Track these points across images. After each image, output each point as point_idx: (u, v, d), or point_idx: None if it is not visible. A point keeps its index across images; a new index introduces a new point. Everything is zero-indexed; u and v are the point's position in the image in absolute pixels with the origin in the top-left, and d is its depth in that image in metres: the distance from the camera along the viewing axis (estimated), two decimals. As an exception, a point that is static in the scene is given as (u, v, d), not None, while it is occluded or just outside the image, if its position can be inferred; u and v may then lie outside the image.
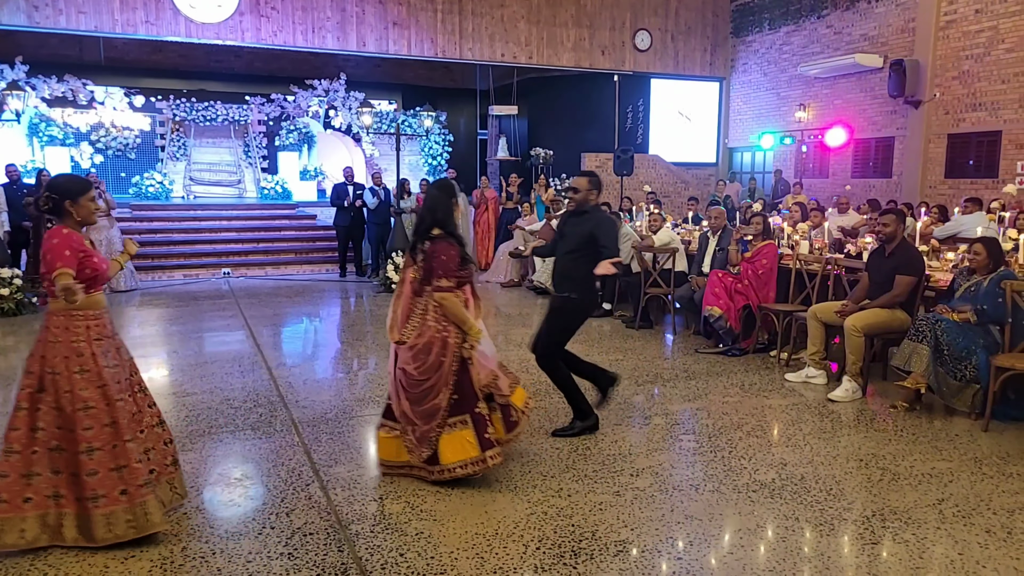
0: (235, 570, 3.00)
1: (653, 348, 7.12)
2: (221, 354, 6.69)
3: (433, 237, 3.80)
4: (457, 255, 3.81)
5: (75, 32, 12.19)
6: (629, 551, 3.22)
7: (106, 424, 3.06)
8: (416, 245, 3.87)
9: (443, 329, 3.79)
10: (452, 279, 3.79)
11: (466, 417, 3.78)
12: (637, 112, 16.93)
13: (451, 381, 3.77)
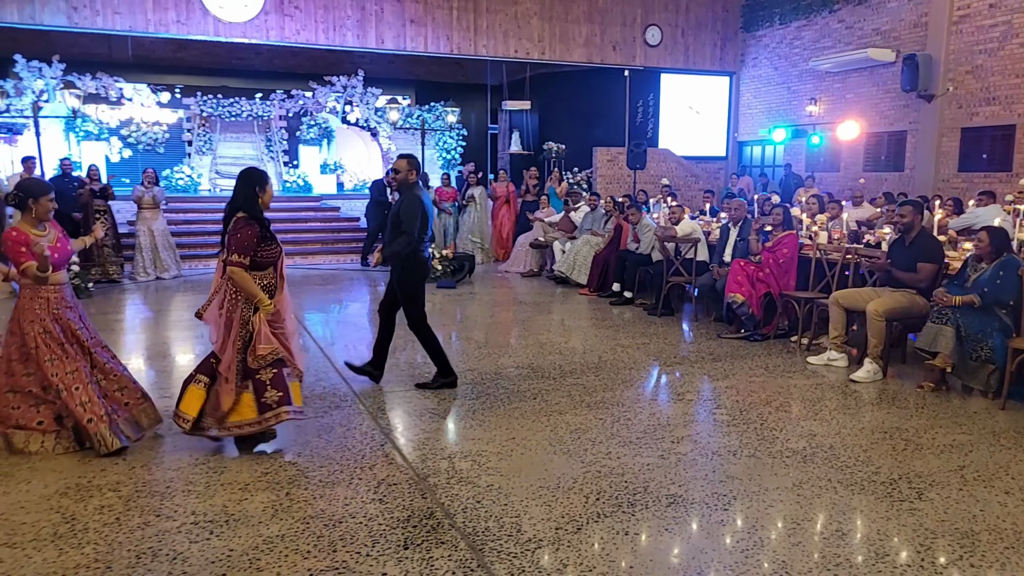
0: (336, 511, 3.38)
1: (676, 334, 7.46)
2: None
3: (237, 218, 4.10)
4: (255, 235, 4.06)
5: (111, 32, 12.54)
6: (680, 503, 3.57)
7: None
8: (224, 225, 4.17)
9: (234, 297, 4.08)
10: (246, 256, 4.03)
11: (248, 382, 4.07)
12: (647, 106, 17.23)
13: (237, 349, 4.05)
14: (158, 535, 3.14)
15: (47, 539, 3.09)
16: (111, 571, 2.86)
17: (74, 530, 3.18)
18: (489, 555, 3.04)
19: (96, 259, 9.84)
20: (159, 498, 3.50)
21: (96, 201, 10.00)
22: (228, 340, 4.04)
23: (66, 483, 3.69)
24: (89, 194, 9.93)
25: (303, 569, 2.90)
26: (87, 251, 9.74)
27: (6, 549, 3.00)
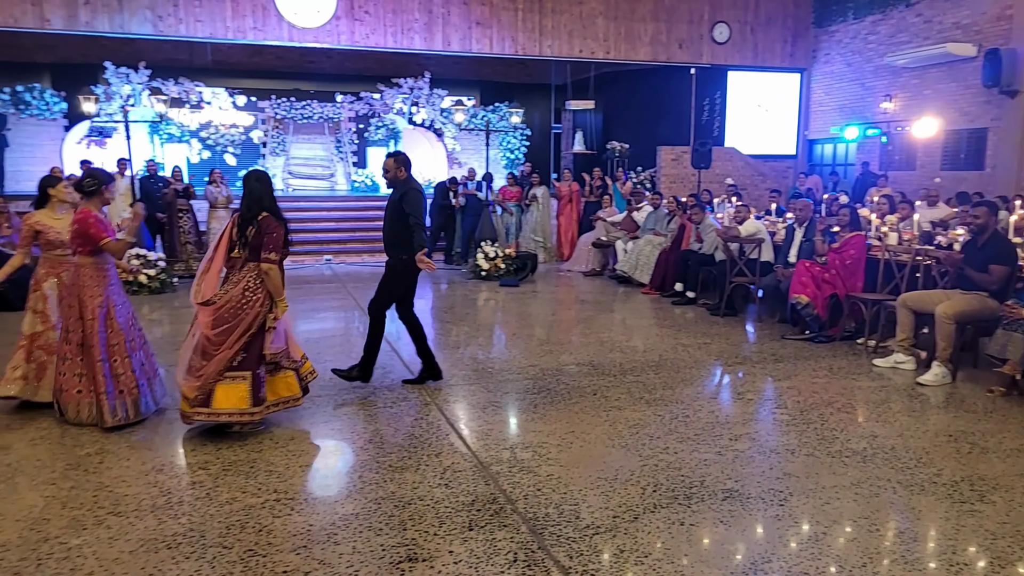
0: (405, 493, 3.60)
1: (738, 334, 7.46)
2: (343, 329, 7.37)
3: (264, 217, 4.33)
4: (283, 234, 4.37)
5: (193, 39, 13.18)
6: (736, 497, 3.66)
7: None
8: (246, 225, 4.35)
9: (252, 296, 4.31)
10: (278, 254, 4.32)
11: (247, 374, 4.27)
12: (714, 104, 17.05)
13: (244, 342, 4.25)
14: (244, 509, 3.41)
15: (147, 509, 3.40)
16: (204, 539, 3.13)
17: (170, 503, 3.48)
18: (549, 539, 3.20)
19: (180, 255, 10.40)
20: (244, 477, 3.78)
21: (179, 200, 10.56)
22: (235, 334, 4.26)
23: (161, 461, 4.02)
24: (173, 194, 10.49)
25: (376, 545, 3.11)
26: (172, 247, 10.33)
27: (113, 517, 3.32)
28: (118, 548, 3.05)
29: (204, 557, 2.99)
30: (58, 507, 3.41)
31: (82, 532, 3.18)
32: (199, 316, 4.35)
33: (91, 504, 3.45)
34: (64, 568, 2.90)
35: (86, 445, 4.19)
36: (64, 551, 3.02)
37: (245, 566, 2.93)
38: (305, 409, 4.83)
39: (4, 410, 4.76)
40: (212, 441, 4.28)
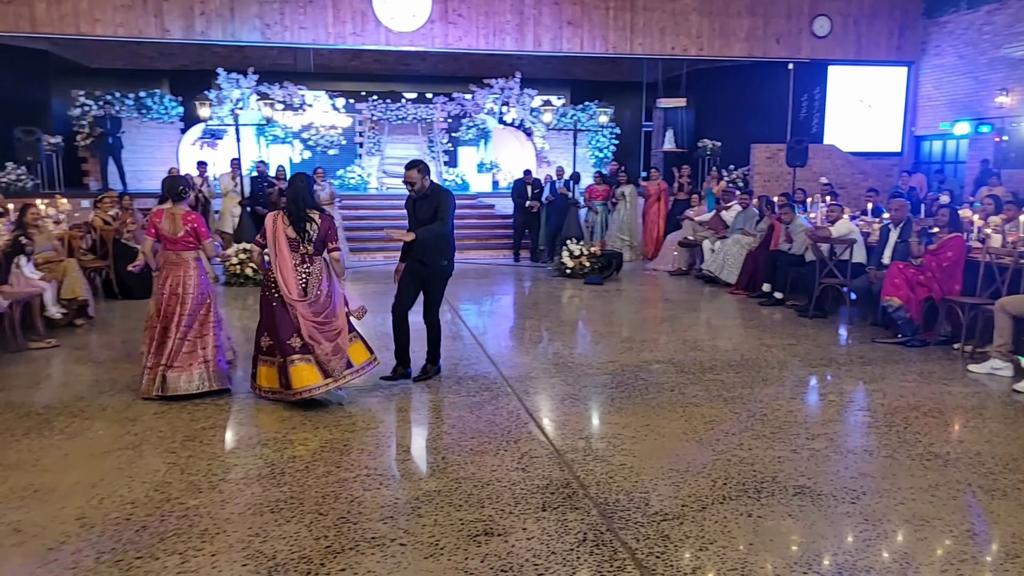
0: (484, 475, 3.85)
1: (827, 336, 7.35)
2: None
3: (321, 215, 5.02)
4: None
5: (297, 45, 13.92)
6: (807, 493, 3.71)
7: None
8: (302, 225, 4.93)
9: (329, 280, 5.03)
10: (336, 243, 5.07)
11: (354, 334, 5.17)
12: (813, 100, 16.57)
13: (343, 313, 5.07)
14: (338, 482, 3.73)
15: (253, 478, 3.78)
16: (303, 506, 3.47)
17: (273, 473, 3.85)
18: (618, 523, 3.36)
19: None
20: (338, 454, 4.12)
21: (283, 199, 11.20)
22: (336, 311, 4.98)
23: (265, 436, 4.42)
24: (277, 193, 11.14)
25: (456, 519, 3.36)
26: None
27: (224, 483, 3.72)
28: (229, 510, 3.43)
29: (303, 521, 3.32)
30: (178, 472, 3.84)
31: (198, 495, 3.58)
32: (299, 309, 4.82)
33: (206, 471, 3.86)
34: (183, 524, 3.29)
35: (200, 420, 4.65)
36: (183, 510, 3.42)
37: (338, 531, 3.23)
38: (394, 396, 5.17)
39: (132, 387, 5.29)
40: (311, 421, 4.65)
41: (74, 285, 6.93)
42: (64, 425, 4.53)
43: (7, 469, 3.88)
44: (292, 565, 2.95)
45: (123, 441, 4.26)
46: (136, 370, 5.34)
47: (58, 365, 6.00)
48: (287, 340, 4.79)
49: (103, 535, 3.18)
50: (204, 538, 3.16)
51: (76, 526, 3.25)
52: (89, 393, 5.20)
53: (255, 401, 5.05)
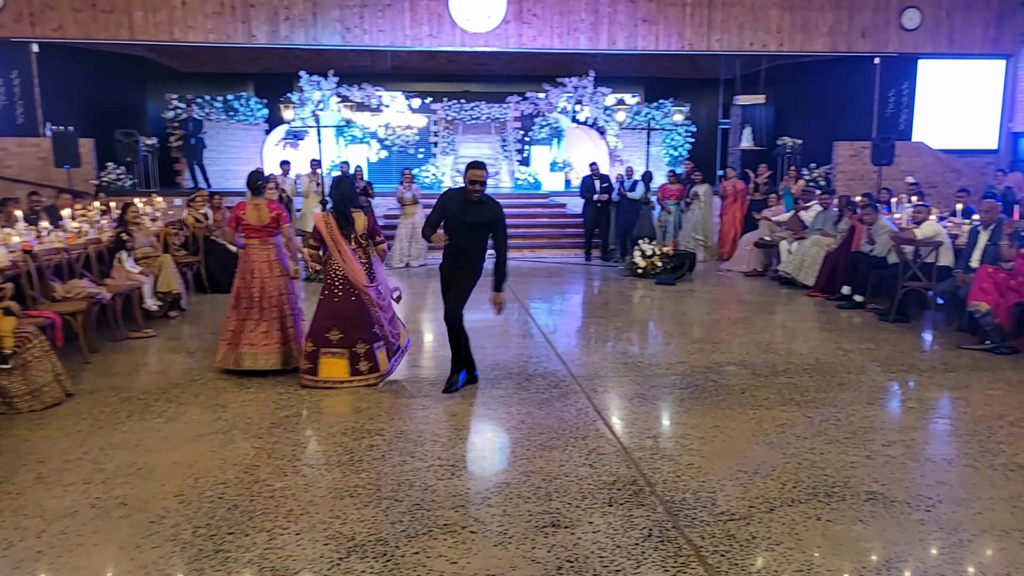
0: (552, 469, 3.95)
1: (909, 341, 7.14)
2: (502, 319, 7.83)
3: (365, 211, 5.68)
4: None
5: (376, 48, 14.32)
6: (880, 500, 3.67)
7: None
8: (348, 222, 5.49)
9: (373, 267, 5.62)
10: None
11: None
12: (900, 96, 15.96)
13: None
14: (413, 471, 3.91)
15: (334, 464, 4.01)
16: (380, 492, 3.66)
17: (352, 460, 4.06)
18: (684, 520, 3.41)
19: None
20: (412, 444, 4.30)
21: (360, 198, 11.56)
22: (384, 294, 5.60)
23: (345, 426, 4.64)
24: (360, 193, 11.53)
25: (524, 510, 3.48)
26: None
27: (307, 468, 3.95)
28: (312, 493, 3.65)
29: (379, 507, 3.51)
30: (265, 456, 4.10)
31: (284, 478, 3.82)
32: (369, 294, 5.44)
33: (290, 456, 4.11)
34: (270, 505, 3.53)
35: (284, 408, 4.93)
36: (270, 491, 3.66)
37: (412, 517, 3.40)
38: (466, 391, 5.33)
39: (220, 377, 5.63)
40: (386, 413, 4.85)
41: (169, 279, 7.37)
42: (162, 409, 4.88)
43: (115, 448, 4.23)
44: (369, 547, 3.13)
45: (215, 426, 4.57)
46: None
47: (155, 354, 6.42)
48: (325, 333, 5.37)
49: (199, 511, 3.45)
50: (289, 518, 3.38)
51: (175, 502, 3.53)
52: (183, 381, 5.56)
53: (334, 393, 5.29)
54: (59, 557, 3.08)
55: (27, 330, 4.83)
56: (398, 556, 3.06)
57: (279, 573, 2.95)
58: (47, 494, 3.66)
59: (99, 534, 3.27)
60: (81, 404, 4.99)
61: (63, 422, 4.66)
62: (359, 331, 5.36)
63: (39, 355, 4.82)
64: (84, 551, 3.13)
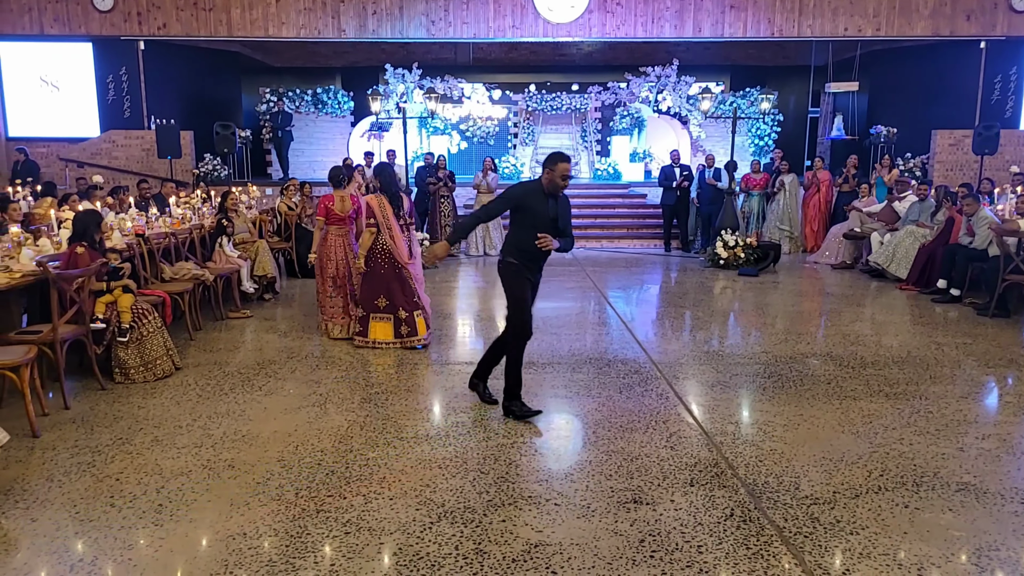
0: (633, 450, 4.02)
1: (1009, 336, 6.84)
2: (582, 308, 7.93)
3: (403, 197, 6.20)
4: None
5: (459, 40, 14.55)
6: (971, 491, 3.58)
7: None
8: (398, 203, 6.07)
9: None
10: None
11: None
12: (1008, 82, 15.11)
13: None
14: (497, 447, 4.04)
15: (422, 438, 4.19)
16: (466, 464, 3.82)
17: (439, 434, 4.24)
18: (766, 503, 3.42)
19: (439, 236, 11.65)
20: (496, 422, 4.44)
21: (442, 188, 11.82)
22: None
23: (430, 401, 4.86)
24: (442, 184, 11.76)
25: (606, 487, 3.56)
26: (432, 228, 11.63)
27: (397, 440, 4.15)
28: (403, 463, 3.84)
29: (466, 478, 3.66)
30: (358, 429, 4.32)
31: (376, 448, 4.02)
32: (409, 269, 6.12)
33: (381, 429, 4.31)
34: (364, 472, 3.73)
35: (375, 385, 5.17)
36: (364, 460, 3.87)
37: (498, 488, 3.53)
38: (547, 374, 5.43)
39: (313, 354, 5.95)
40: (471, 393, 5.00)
41: (265, 263, 7.75)
42: (262, 383, 5.18)
43: (221, 416, 4.54)
44: (458, 513, 3.28)
45: (310, 400, 4.82)
46: (319, 339, 6.31)
47: (252, 333, 6.78)
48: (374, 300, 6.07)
49: (300, 475, 3.68)
50: (383, 484, 3.57)
51: (278, 466, 3.78)
52: (279, 358, 5.88)
53: (421, 371, 5.50)
54: (178, 510, 3.35)
55: (143, 307, 5.21)
56: (486, 523, 3.19)
57: (376, 533, 3.13)
58: (163, 455, 3.96)
59: (211, 491, 3.53)
60: (189, 377, 5.35)
61: (174, 392, 5.02)
62: (402, 300, 6.06)
63: (152, 331, 5.20)
64: (199, 506, 3.39)
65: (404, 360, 5.79)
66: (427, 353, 6.03)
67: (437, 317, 7.25)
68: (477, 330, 7.21)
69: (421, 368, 5.59)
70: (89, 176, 11.36)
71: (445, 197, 11.87)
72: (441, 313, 7.61)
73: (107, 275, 5.04)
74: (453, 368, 5.61)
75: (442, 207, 11.84)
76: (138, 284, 5.86)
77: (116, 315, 5.02)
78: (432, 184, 11.68)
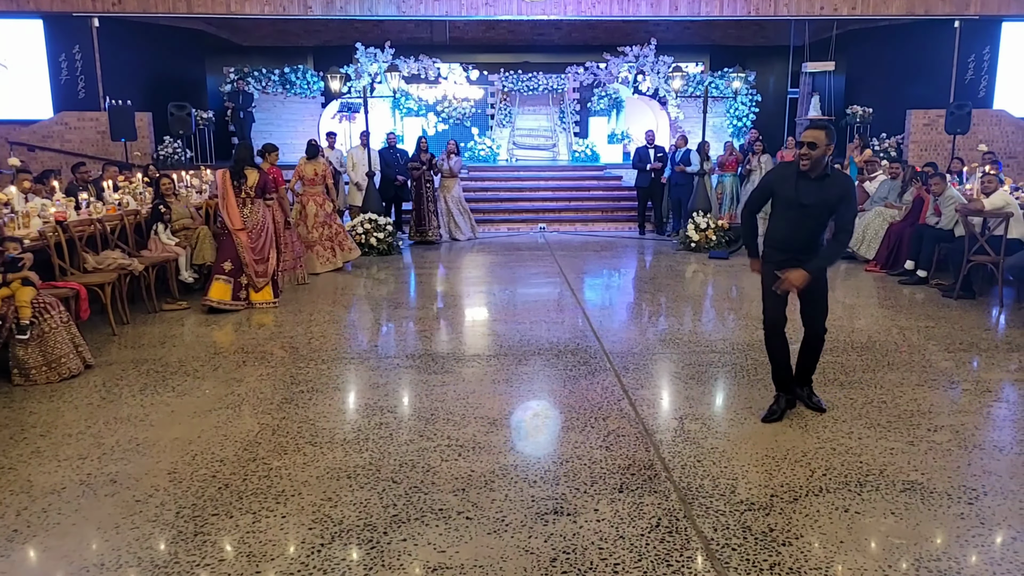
0: (565, 451, 3.78)
1: (972, 318, 6.65)
2: (543, 295, 7.67)
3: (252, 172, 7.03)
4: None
5: (430, 18, 14.14)
6: (917, 490, 3.36)
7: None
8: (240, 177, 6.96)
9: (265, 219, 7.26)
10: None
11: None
12: (981, 61, 14.92)
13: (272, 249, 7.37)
14: (418, 451, 3.77)
15: (338, 443, 3.89)
16: (379, 473, 3.53)
17: (358, 439, 3.95)
18: (697, 510, 3.19)
19: (426, 223, 11.33)
20: (424, 422, 4.16)
21: (424, 169, 11.46)
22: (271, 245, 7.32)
23: (357, 402, 4.56)
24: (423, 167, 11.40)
25: (527, 496, 3.30)
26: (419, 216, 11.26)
27: (308, 446, 3.85)
28: (308, 473, 3.53)
29: (375, 489, 3.37)
30: (269, 433, 4.01)
31: (283, 456, 3.72)
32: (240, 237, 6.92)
33: (295, 434, 4.01)
34: (263, 484, 3.42)
35: (300, 384, 4.85)
36: (266, 471, 3.56)
37: (408, 500, 3.26)
38: (491, 367, 5.18)
39: (243, 349, 5.65)
40: (404, 389, 4.75)
41: (206, 251, 7.40)
42: (177, 383, 4.84)
43: (120, 422, 4.19)
44: (356, 532, 3.00)
45: (226, 401, 4.51)
46: (250, 335, 5.92)
47: (185, 326, 6.42)
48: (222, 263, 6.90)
49: (188, 490, 3.35)
50: (279, 500, 3.27)
51: (166, 480, 3.46)
52: (206, 353, 5.54)
53: (355, 367, 5.22)
54: (34, 537, 2.99)
55: (45, 301, 4.83)
56: (384, 543, 2.92)
57: (255, 559, 2.82)
58: (39, 469, 3.60)
59: (80, 512, 3.17)
60: (98, 377, 4.96)
61: (75, 394, 4.63)
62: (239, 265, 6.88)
63: (56, 326, 4.81)
64: (61, 531, 3.03)
65: (341, 355, 5.50)
66: (368, 348, 5.75)
67: (377, 309, 6.97)
68: (423, 322, 6.94)
69: (357, 364, 5.30)
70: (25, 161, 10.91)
71: (429, 182, 11.49)
72: (391, 304, 7.33)
73: (3, 266, 4.67)
74: (391, 363, 5.32)
75: (427, 192, 11.44)
76: (53, 275, 5.53)
77: (14, 310, 4.62)
78: (415, 169, 11.30)
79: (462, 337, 6.16)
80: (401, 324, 6.62)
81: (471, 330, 6.43)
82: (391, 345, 5.89)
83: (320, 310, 6.98)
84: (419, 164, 11.27)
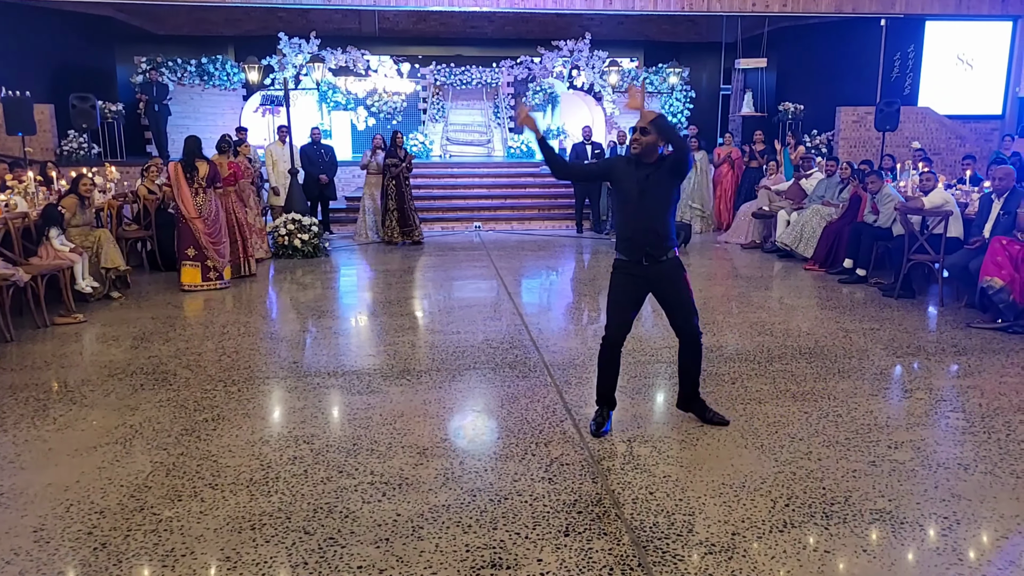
0: (504, 486, 3.37)
1: (915, 319, 6.56)
2: (478, 299, 7.27)
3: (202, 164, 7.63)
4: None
5: (359, 8, 13.51)
6: (887, 520, 3.10)
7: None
8: (192, 170, 7.54)
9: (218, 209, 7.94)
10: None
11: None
12: (906, 59, 15.23)
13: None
14: (337, 491, 3.31)
15: (243, 484, 3.39)
16: (289, 522, 3.05)
17: (267, 478, 3.45)
18: (653, 554, 2.84)
19: (412, 222, 10.74)
20: (345, 454, 3.70)
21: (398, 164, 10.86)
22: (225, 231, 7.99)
23: (269, 432, 4.04)
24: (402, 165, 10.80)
25: (461, 544, 2.90)
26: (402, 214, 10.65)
27: (208, 489, 3.33)
28: (204, 524, 3.03)
29: (284, 542, 2.89)
30: (163, 475, 3.47)
31: (176, 504, 3.19)
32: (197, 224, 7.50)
33: (193, 474, 3.48)
34: (149, 542, 2.90)
35: (205, 410, 4.30)
36: (154, 523, 3.03)
37: (322, 556, 2.80)
38: (422, 384, 4.75)
39: (143, 370, 5.04)
40: (323, 414, 4.28)
41: (112, 255, 6.74)
42: (59, 413, 4.23)
43: (-15, 464, 3.57)
44: (259, 600, 2.55)
45: (115, 434, 3.93)
46: (153, 351, 5.31)
47: (79, 343, 5.76)
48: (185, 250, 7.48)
49: (55, 554, 2.81)
50: (167, 561, 2.75)
51: (30, 541, 2.90)
52: (99, 376, 4.91)
53: (270, 388, 4.72)
54: None
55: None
56: (292, 612, 2.48)
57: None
58: None
59: None
60: (-34, 407, 4.32)
61: (-64, 430, 3.99)
62: (201, 250, 7.43)
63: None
64: None
65: (255, 374, 4.97)
66: (286, 365, 5.23)
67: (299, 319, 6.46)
68: (349, 334, 6.46)
69: (272, 384, 4.79)
70: None
71: (408, 179, 10.89)
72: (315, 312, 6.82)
73: None
74: (311, 383, 4.83)
75: (407, 191, 10.83)
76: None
77: None
78: (394, 166, 10.69)
79: (392, 349, 5.69)
80: (325, 335, 6.11)
81: (401, 341, 5.97)
82: (312, 361, 5.38)
83: (235, 321, 6.41)
84: (397, 161, 10.68)
